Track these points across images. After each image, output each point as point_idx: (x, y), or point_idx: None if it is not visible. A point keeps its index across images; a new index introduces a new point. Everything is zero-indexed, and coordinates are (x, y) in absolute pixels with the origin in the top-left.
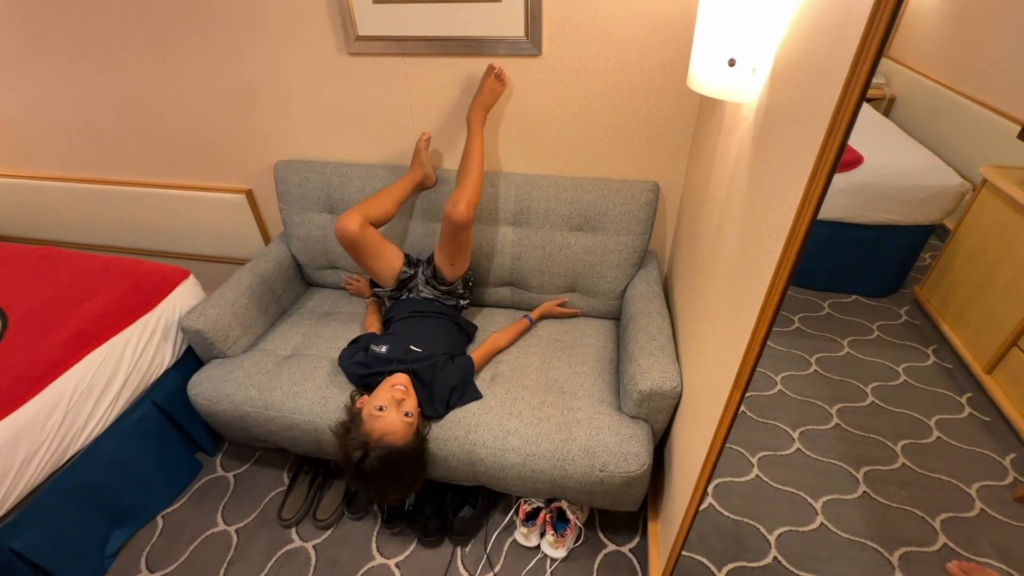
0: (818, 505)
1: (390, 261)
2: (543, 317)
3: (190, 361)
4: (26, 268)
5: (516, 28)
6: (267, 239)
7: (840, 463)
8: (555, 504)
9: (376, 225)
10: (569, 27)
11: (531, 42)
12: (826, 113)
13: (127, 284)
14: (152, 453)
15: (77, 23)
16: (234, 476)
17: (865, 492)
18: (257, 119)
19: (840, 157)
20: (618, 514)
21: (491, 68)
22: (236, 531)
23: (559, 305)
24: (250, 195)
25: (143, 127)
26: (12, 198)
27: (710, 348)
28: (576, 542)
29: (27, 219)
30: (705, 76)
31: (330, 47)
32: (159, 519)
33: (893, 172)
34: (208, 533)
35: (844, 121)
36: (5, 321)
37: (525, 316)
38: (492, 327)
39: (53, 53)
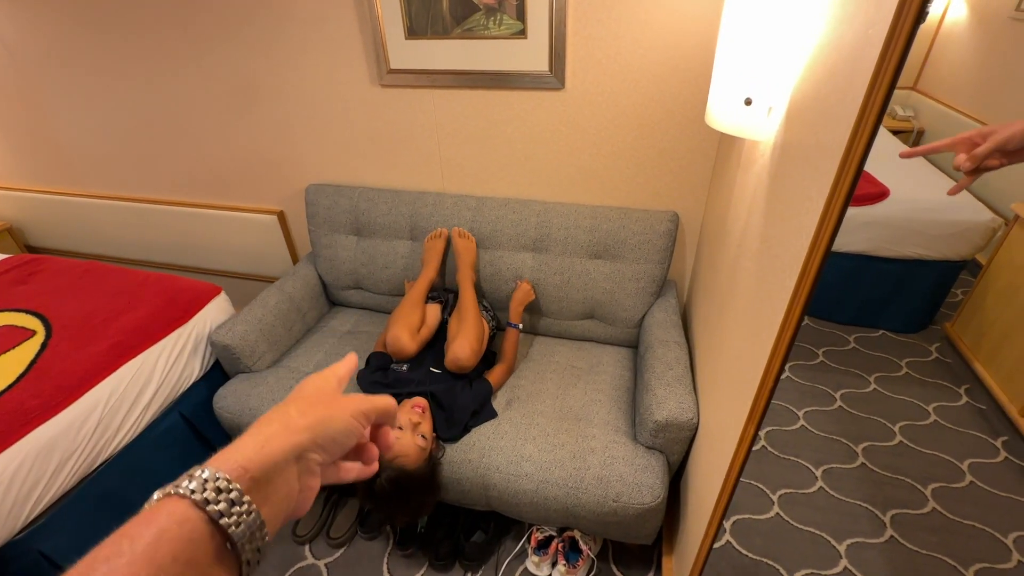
0: (842, 548)
1: (435, 326)
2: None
3: (216, 375)
4: (71, 281)
5: (541, 63)
6: (295, 259)
7: (866, 504)
8: (568, 533)
9: (418, 328)
10: (591, 63)
11: (555, 76)
12: (836, 156)
13: (163, 299)
14: (176, 463)
15: (126, 56)
16: None
17: (892, 536)
18: (292, 146)
19: (850, 199)
20: (632, 547)
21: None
22: None
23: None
24: (281, 216)
25: (185, 152)
26: (61, 214)
27: (727, 380)
28: (588, 573)
29: (74, 234)
30: (723, 114)
31: (363, 79)
32: None
33: (920, 206)
34: None
35: (853, 164)
36: (49, 331)
37: (508, 324)
38: None
39: (102, 84)
